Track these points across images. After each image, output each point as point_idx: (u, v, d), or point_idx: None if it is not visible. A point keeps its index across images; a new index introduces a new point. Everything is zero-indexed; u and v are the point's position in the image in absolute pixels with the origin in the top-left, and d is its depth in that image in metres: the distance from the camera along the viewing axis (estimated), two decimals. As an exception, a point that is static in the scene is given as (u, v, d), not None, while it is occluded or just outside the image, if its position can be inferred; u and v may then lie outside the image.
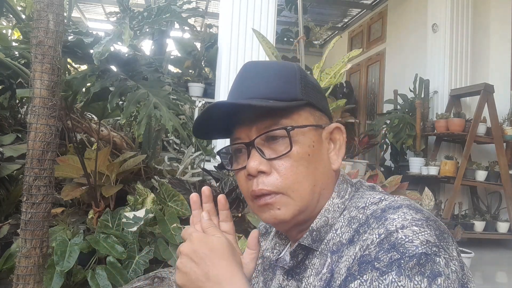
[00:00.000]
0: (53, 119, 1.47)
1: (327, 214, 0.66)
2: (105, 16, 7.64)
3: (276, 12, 3.66)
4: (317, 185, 0.65)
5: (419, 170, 4.43)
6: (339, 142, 0.69)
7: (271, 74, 0.67)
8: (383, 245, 0.54)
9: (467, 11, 4.64)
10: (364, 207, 0.63)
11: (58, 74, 1.48)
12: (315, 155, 0.65)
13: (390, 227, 0.55)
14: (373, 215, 0.60)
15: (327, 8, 7.14)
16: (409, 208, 0.58)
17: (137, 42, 3.18)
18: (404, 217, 0.56)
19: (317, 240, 0.66)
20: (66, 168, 2.43)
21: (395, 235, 0.54)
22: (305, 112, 0.66)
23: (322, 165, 0.66)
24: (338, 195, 0.68)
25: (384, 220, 0.57)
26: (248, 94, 0.65)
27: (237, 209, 2.46)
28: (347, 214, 0.65)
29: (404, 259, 0.52)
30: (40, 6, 1.44)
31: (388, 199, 0.63)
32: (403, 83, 5.25)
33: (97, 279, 1.93)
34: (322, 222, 0.66)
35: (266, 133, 0.64)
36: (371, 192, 0.67)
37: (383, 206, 0.60)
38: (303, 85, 0.67)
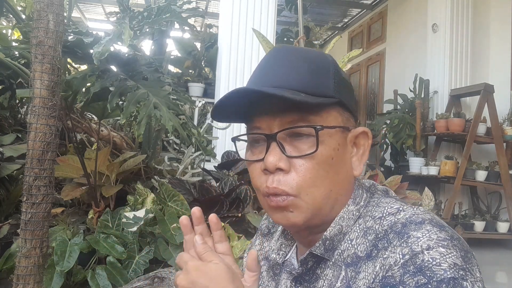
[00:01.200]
0: (53, 119, 1.47)
1: (341, 222, 0.62)
2: (105, 16, 7.64)
3: (276, 12, 3.66)
4: (333, 190, 0.61)
5: (419, 170, 4.43)
6: (363, 147, 0.65)
7: (304, 64, 0.60)
8: (408, 267, 0.51)
9: (467, 11, 4.64)
10: (381, 217, 0.59)
11: (58, 74, 1.48)
12: (338, 159, 0.61)
13: (415, 248, 0.52)
14: (393, 229, 0.56)
15: (327, 8, 7.14)
16: (432, 225, 0.54)
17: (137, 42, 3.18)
18: (429, 236, 0.53)
19: (329, 249, 0.62)
20: (66, 168, 2.43)
21: (421, 257, 0.51)
22: (335, 111, 0.61)
23: (344, 170, 0.62)
24: (354, 201, 0.63)
25: (407, 237, 0.53)
26: (276, 82, 0.59)
27: (237, 209, 2.46)
28: (363, 223, 0.61)
29: (432, 284, 0.49)
30: (40, 6, 1.44)
31: (407, 210, 0.59)
32: (403, 83, 5.25)
33: (97, 279, 1.93)
34: (336, 230, 0.62)
35: (292, 129, 0.59)
36: (387, 200, 0.63)
37: (404, 220, 0.56)
38: (336, 81, 0.61)
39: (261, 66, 0.64)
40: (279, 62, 0.61)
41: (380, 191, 0.67)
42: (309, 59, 0.61)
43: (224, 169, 2.91)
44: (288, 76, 0.59)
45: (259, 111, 0.61)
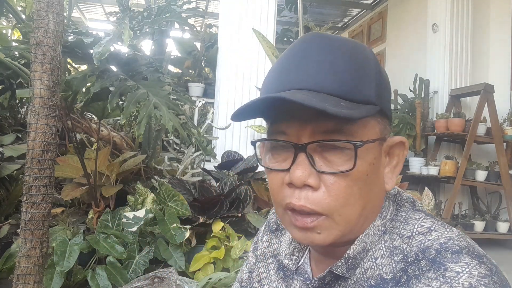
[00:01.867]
0: (53, 119, 1.47)
1: (366, 239, 0.55)
2: (105, 16, 7.64)
3: (276, 12, 3.66)
4: (366, 208, 0.54)
5: (419, 170, 4.43)
6: (397, 158, 0.57)
7: (342, 60, 0.50)
8: None
9: (467, 11, 4.64)
10: (410, 237, 0.53)
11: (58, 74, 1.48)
12: (373, 175, 0.53)
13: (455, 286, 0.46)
14: (425, 255, 0.50)
15: (327, 8, 7.14)
16: (471, 257, 0.49)
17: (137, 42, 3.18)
18: (470, 272, 0.47)
19: (351, 268, 0.56)
20: (66, 168, 2.43)
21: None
22: (374, 119, 0.52)
23: (378, 185, 0.55)
24: (380, 216, 0.56)
25: (444, 270, 0.48)
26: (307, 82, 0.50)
27: (237, 209, 2.46)
28: (389, 240, 0.55)
29: None
30: (40, 6, 1.44)
31: (439, 230, 0.53)
32: (403, 83, 5.25)
33: (97, 279, 1.93)
34: (360, 248, 0.55)
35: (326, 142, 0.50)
36: (416, 215, 0.56)
37: (438, 246, 0.50)
38: (378, 83, 0.52)
39: (288, 58, 0.53)
40: (311, 56, 0.51)
41: (407, 202, 0.60)
42: (348, 54, 0.51)
43: (224, 169, 2.91)
44: (323, 76, 0.50)
45: (288, 114, 0.52)
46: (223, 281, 1.81)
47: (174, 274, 1.77)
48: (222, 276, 1.85)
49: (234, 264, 2.10)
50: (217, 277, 1.83)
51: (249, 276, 0.75)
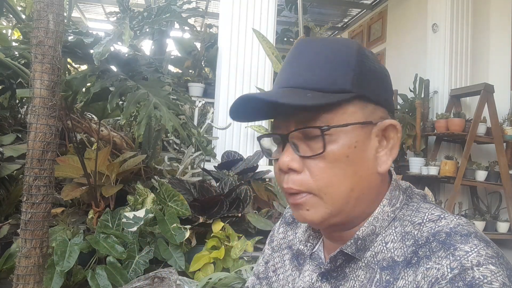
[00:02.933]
0: (53, 119, 1.47)
1: (375, 222, 0.60)
2: (105, 16, 7.64)
3: (276, 12, 3.66)
4: (355, 189, 0.58)
5: (419, 170, 4.43)
6: (392, 141, 0.62)
7: (321, 57, 0.58)
8: (457, 283, 0.48)
9: (467, 11, 4.65)
10: (421, 223, 0.57)
11: (58, 74, 1.48)
12: (356, 156, 0.57)
13: (465, 263, 0.49)
14: (436, 238, 0.54)
15: (327, 8, 7.14)
16: (479, 240, 0.52)
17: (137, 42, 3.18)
18: (478, 252, 0.50)
19: (361, 249, 0.60)
20: (66, 168, 2.43)
21: (471, 273, 0.48)
22: (354, 106, 0.57)
23: (365, 167, 0.59)
24: (390, 202, 0.61)
25: (454, 249, 0.51)
26: (292, 80, 0.58)
27: (237, 209, 2.46)
28: (399, 227, 0.59)
29: None
30: (40, 6, 1.44)
31: (449, 218, 0.56)
32: (403, 83, 5.25)
33: (97, 279, 1.93)
34: (369, 230, 0.60)
35: (301, 129, 0.57)
36: (427, 205, 0.60)
37: (448, 230, 0.54)
38: (358, 72, 0.57)
39: (284, 62, 0.64)
40: (297, 59, 0.60)
41: (417, 194, 0.64)
42: (328, 51, 0.59)
43: (224, 169, 2.91)
44: (302, 74, 0.58)
45: (278, 111, 0.60)
46: (223, 281, 1.81)
47: (174, 274, 1.77)
48: (222, 276, 1.85)
49: (234, 264, 2.10)
50: (217, 277, 1.83)
51: (265, 267, 0.79)
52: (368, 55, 0.60)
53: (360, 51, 0.59)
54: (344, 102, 0.57)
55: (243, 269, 1.95)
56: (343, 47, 0.59)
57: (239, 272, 1.93)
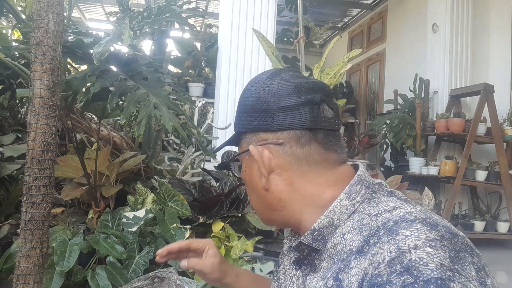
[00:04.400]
0: (53, 119, 1.47)
1: (332, 215, 0.64)
2: (105, 16, 7.64)
3: (276, 12, 3.66)
4: (260, 202, 0.72)
5: (419, 170, 4.43)
6: (256, 163, 0.68)
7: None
8: (394, 266, 0.51)
9: (467, 11, 4.65)
10: (377, 215, 0.60)
11: (58, 74, 1.48)
12: (248, 180, 0.72)
13: (402, 246, 0.52)
14: (384, 226, 0.57)
15: (327, 8, 7.14)
16: (423, 224, 0.54)
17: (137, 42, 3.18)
18: (418, 236, 0.53)
19: (319, 240, 0.65)
20: (66, 168, 2.43)
21: (407, 256, 0.51)
22: (243, 141, 0.73)
23: (257, 187, 0.70)
24: (348, 196, 0.64)
25: (396, 235, 0.54)
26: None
27: (237, 209, 2.46)
28: (358, 219, 0.62)
29: (418, 284, 0.49)
30: (40, 6, 1.44)
31: (403, 208, 0.59)
32: (403, 83, 5.25)
33: (97, 279, 1.93)
34: (326, 222, 0.64)
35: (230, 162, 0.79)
36: (387, 199, 0.63)
37: (396, 218, 0.57)
38: (238, 113, 0.73)
39: None
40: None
41: (384, 191, 0.67)
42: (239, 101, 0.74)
43: (224, 169, 2.90)
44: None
45: None
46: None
47: (174, 274, 1.77)
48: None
49: (234, 264, 2.10)
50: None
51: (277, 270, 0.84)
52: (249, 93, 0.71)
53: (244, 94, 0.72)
54: (240, 139, 0.75)
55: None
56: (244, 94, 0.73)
57: None
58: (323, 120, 0.67)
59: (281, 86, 0.67)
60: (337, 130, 0.69)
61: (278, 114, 0.66)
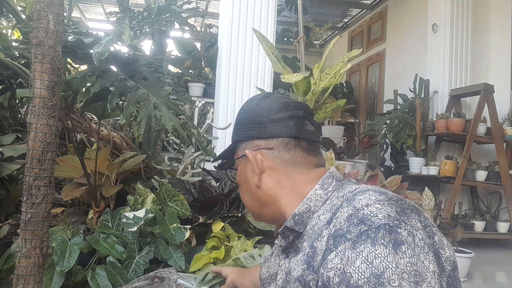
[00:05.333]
0: (53, 119, 1.47)
1: (309, 202, 0.77)
2: (105, 16, 7.64)
3: (276, 12, 3.66)
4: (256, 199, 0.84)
5: (419, 170, 4.43)
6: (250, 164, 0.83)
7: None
8: (352, 220, 0.64)
9: (467, 11, 4.64)
10: (343, 195, 0.74)
11: (58, 74, 1.48)
12: (242, 181, 0.87)
13: (356, 205, 0.66)
14: (346, 199, 0.71)
15: (327, 8, 7.14)
16: (374, 191, 0.69)
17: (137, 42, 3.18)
18: (369, 198, 0.66)
19: (299, 223, 0.77)
20: (66, 168, 2.43)
21: (361, 211, 0.64)
22: (239, 148, 0.88)
23: (250, 185, 0.84)
24: (322, 187, 0.78)
25: (353, 200, 0.68)
26: None
27: (237, 209, 2.45)
28: (329, 202, 0.76)
29: (371, 230, 0.60)
30: (40, 6, 1.44)
31: (361, 187, 0.74)
32: (403, 83, 5.25)
33: (97, 279, 1.93)
34: (304, 208, 0.77)
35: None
36: (352, 184, 0.78)
37: (355, 191, 0.71)
38: (235, 126, 0.89)
39: None
40: None
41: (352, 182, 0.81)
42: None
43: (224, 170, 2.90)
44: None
45: None
46: (222, 280, 1.81)
47: (174, 274, 1.77)
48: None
49: (234, 264, 2.10)
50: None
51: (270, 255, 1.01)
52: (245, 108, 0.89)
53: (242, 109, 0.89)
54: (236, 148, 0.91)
55: (241, 257, 1.95)
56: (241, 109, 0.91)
57: (238, 261, 1.93)
58: (305, 131, 0.82)
59: (272, 103, 0.83)
60: (317, 142, 0.84)
61: (270, 125, 0.82)
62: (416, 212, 0.67)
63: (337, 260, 0.60)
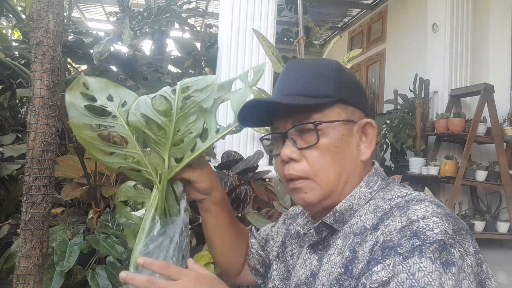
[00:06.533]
0: (53, 119, 1.47)
1: (352, 200, 0.72)
2: (105, 16, 7.63)
3: (276, 12, 3.66)
4: (342, 173, 0.72)
5: (419, 170, 4.43)
6: (370, 135, 0.75)
7: (308, 72, 0.73)
8: (405, 232, 0.59)
9: (467, 11, 4.64)
10: (390, 199, 0.69)
11: (58, 74, 1.48)
12: (342, 147, 0.72)
13: (411, 216, 0.60)
14: (397, 205, 0.65)
15: (327, 8, 7.13)
16: (431, 202, 0.63)
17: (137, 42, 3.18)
18: (426, 209, 0.61)
19: (339, 221, 0.72)
20: (66, 168, 2.43)
21: (416, 224, 0.59)
22: (337, 107, 0.72)
23: (350, 156, 0.73)
24: (367, 185, 0.73)
25: (407, 209, 0.62)
26: (287, 90, 0.74)
27: (237, 209, 2.45)
28: (373, 203, 0.71)
29: (425, 245, 0.56)
30: (40, 6, 1.44)
31: (414, 193, 0.68)
32: (403, 83, 5.25)
33: (97, 279, 1.93)
34: (346, 206, 0.72)
35: (298, 126, 0.72)
36: (400, 188, 0.73)
37: (408, 199, 0.66)
38: (337, 82, 0.72)
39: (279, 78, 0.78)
40: (289, 73, 0.75)
41: (397, 183, 0.76)
42: (312, 67, 0.74)
43: (224, 169, 2.90)
44: (295, 84, 0.73)
45: (277, 115, 0.75)
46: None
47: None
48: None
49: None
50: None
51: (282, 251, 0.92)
52: (345, 70, 0.75)
53: (338, 66, 0.75)
54: (329, 104, 0.71)
55: None
56: (324, 62, 0.76)
57: None
58: None
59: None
60: None
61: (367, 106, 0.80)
62: (470, 234, 0.61)
63: (383, 273, 0.57)
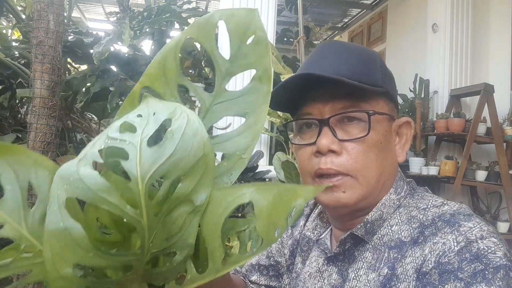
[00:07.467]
0: (53, 119, 1.47)
1: (382, 208, 0.65)
2: (105, 16, 7.64)
3: (276, 12, 3.66)
4: (383, 174, 0.64)
5: (419, 170, 4.43)
6: (405, 136, 0.69)
7: (353, 55, 0.64)
8: (464, 254, 0.53)
9: (467, 11, 4.64)
10: (425, 209, 0.63)
11: (58, 74, 1.48)
12: (385, 144, 0.64)
13: (469, 236, 0.55)
14: (441, 218, 0.59)
15: (327, 8, 7.13)
16: (480, 219, 0.58)
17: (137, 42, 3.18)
18: (481, 228, 0.56)
19: (369, 233, 0.65)
20: (66, 168, 2.42)
21: (476, 245, 0.54)
22: (382, 100, 0.65)
23: (390, 155, 0.66)
24: (395, 191, 0.67)
25: (458, 226, 0.57)
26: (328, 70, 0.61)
27: (237, 209, 2.45)
28: (404, 212, 0.65)
29: (489, 270, 0.51)
30: (40, 6, 1.44)
31: (451, 204, 0.63)
32: (403, 83, 5.25)
33: (97, 279, 1.93)
34: (377, 215, 0.65)
35: (344, 114, 0.62)
36: (430, 195, 0.68)
37: (452, 212, 0.60)
38: (383, 72, 0.65)
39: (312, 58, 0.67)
40: (330, 54, 0.64)
41: (419, 187, 0.71)
42: (358, 51, 0.65)
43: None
44: (340, 65, 0.61)
45: (310, 98, 0.64)
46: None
47: (174, 274, 1.77)
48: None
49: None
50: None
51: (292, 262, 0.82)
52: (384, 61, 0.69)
53: (381, 58, 0.68)
54: (377, 95, 0.63)
55: None
56: (368, 49, 0.69)
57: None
58: None
59: None
60: None
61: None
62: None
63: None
